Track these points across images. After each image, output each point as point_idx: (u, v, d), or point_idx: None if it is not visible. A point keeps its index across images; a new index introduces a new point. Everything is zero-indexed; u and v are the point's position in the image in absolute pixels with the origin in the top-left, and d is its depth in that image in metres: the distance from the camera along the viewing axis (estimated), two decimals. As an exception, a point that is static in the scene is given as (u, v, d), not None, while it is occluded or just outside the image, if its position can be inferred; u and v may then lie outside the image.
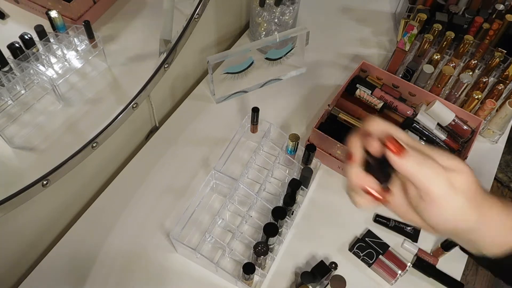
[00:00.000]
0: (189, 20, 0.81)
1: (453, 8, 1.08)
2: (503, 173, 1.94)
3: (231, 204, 0.80)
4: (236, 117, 0.96)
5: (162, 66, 0.79)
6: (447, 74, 0.92)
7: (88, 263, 0.74)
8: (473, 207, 0.34)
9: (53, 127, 0.67)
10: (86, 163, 0.70)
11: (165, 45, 0.81)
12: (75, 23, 0.65)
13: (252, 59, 0.97)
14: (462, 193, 0.33)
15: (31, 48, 0.61)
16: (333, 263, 0.73)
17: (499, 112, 0.91)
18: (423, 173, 0.33)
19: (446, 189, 0.33)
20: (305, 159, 0.81)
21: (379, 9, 1.25)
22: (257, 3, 1.00)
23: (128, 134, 0.88)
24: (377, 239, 0.78)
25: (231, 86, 0.99)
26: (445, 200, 0.33)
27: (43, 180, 0.62)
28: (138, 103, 0.76)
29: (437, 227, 0.36)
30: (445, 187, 0.33)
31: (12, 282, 0.74)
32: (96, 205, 0.81)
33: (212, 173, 0.77)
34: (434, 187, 0.33)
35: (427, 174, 0.33)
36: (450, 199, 0.33)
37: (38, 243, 0.77)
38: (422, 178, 0.33)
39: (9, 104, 0.61)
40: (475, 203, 0.34)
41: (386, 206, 0.39)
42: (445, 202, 0.33)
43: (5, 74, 0.58)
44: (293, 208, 0.77)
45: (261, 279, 0.74)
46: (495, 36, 1.03)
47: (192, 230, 0.78)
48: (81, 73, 0.70)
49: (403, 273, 0.74)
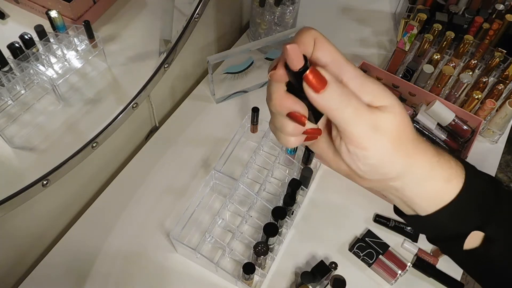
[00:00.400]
0: (189, 20, 0.81)
1: (453, 8, 1.08)
2: (503, 173, 1.95)
3: (231, 204, 0.80)
4: (236, 117, 0.96)
5: (162, 66, 0.79)
6: (447, 74, 0.92)
7: (88, 263, 0.74)
8: (400, 150, 0.31)
9: (53, 127, 0.67)
10: (86, 163, 0.70)
11: (165, 45, 0.81)
12: (75, 23, 0.65)
13: (252, 59, 0.97)
14: (386, 134, 0.30)
15: (31, 48, 0.61)
16: (333, 263, 0.73)
17: (499, 112, 0.91)
18: (341, 112, 0.28)
19: (367, 130, 0.29)
20: (305, 159, 0.81)
21: (379, 9, 1.25)
22: (257, 3, 1.00)
23: (128, 134, 0.88)
24: (377, 239, 0.78)
25: (231, 86, 0.99)
26: (366, 141, 0.29)
27: (43, 180, 0.62)
28: (138, 103, 0.76)
29: (363, 175, 0.32)
30: (366, 127, 0.29)
31: (12, 282, 0.74)
32: (96, 205, 0.81)
33: (212, 173, 0.77)
34: (353, 127, 0.29)
35: (347, 113, 0.28)
36: (372, 141, 0.29)
37: (38, 243, 0.77)
38: (340, 118, 0.29)
39: (9, 104, 0.61)
40: (402, 146, 0.31)
41: (313, 149, 0.36)
42: (366, 144, 0.30)
43: (5, 74, 0.58)
44: (293, 208, 0.77)
45: (261, 279, 0.74)
46: (495, 36, 1.03)
47: (192, 230, 0.78)
48: (81, 73, 0.70)
49: (403, 273, 0.74)
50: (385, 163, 0.31)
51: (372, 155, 0.30)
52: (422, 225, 0.36)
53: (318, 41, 0.29)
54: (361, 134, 0.29)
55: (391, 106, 0.30)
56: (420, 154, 0.32)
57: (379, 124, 0.29)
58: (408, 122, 0.31)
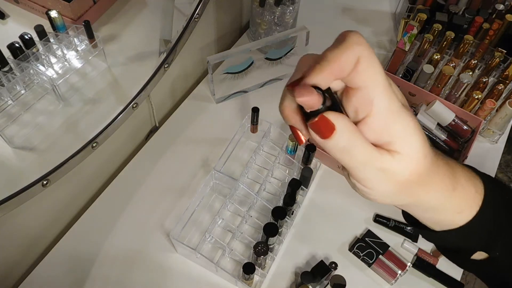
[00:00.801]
0: (189, 20, 0.81)
1: (453, 8, 1.08)
2: (503, 173, 1.95)
3: (231, 204, 0.80)
4: (236, 117, 0.96)
5: (162, 66, 0.79)
6: (447, 74, 0.92)
7: (88, 263, 0.74)
8: (406, 192, 0.29)
9: (53, 127, 0.67)
10: (86, 163, 0.70)
11: (165, 45, 0.81)
12: (75, 23, 0.65)
13: (252, 59, 0.97)
14: (392, 179, 0.28)
15: (31, 48, 0.61)
16: (333, 263, 0.73)
17: (499, 112, 0.91)
18: (347, 158, 0.27)
19: (372, 175, 0.28)
20: (305, 159, 0.81)
21: (379, 9, 1.25)
22: (257, 3, 1.00)
23: (128, 134, 0.88)
24: (377, 239, 0.78)
25: (231, 86, 0.99)
26: (370, 184, 0.29)
27: (43, 180, 0.62)
28: (138, 103, 0.76)
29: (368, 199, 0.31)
30: (372, 172, 0.28)
31: (12, 282, 0.74)
32: (96, 205, 0.81)
33: (212, 173, 0.77)
34: (358, 172, 0.28)
35: (353, 159, 0.27)
36: (376, 184, 0.28)
37: (38, 243, 0.77)
38: (345, 163, 0.28)
39: (9, 104, 0.61)
40: (410, 188, 0.29)
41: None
42: (370, 186, 0.29)
43: (5, 74, 0.58)
44: (293, 208, 0.77)
45: (261, 279, 0.74)
46: (495, 36, 1.03)
47: (192, 230, 0.78)
48: (81, 73, 0.70)
49: (403, 273, 0.74)
50: (386, 201, 0.30)
51: (375, 194, 0.29)
52: (427, 235, 0.36)
53: (362, 61, 0.25)
54: (366, 177, 0.28)
55: (407, 156, 0.28)
56: (432, 186, 0.30)
57: (387, 168, 0.28)
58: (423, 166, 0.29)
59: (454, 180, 0.31)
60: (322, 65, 0.25)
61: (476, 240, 0.34)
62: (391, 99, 0.26)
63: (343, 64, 0.25)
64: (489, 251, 0.34)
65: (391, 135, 0.27)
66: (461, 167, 0.33)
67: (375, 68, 0.25)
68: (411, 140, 0.27)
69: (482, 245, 0.34)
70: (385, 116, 0.26)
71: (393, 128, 0.27)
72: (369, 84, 0.26)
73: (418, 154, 0.28)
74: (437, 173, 0.30)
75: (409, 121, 0.27)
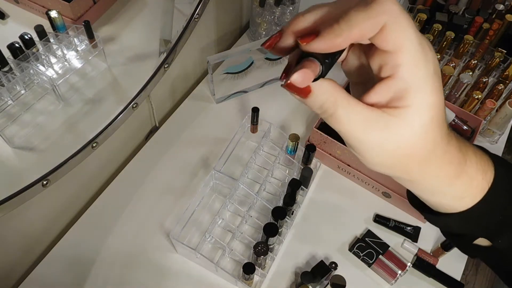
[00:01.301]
0: (189, 20, 0.81)
1: (453, 8, 1.08)
2: (503, 173, 1.94)
3: (231, 204, 0.80)
4: (236, 117, 0.96)
5: (162, 66, 0.79)
6: (447, 74, 0.92)
7: (88, 263, 0.74)
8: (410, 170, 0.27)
9: (53, 127, 0.67)
10: (86, 163, 0.70)
11: (165, 45, 0.81)
12: (75, 23, 0.65)
13: (252, 59, 0.97)
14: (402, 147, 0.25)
15: (31, 48, 0.61)
16: (333, 263, 0.73)
17: (499, 112, 0.91)
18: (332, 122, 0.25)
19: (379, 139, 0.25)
20: (305, 159, 0.81)
21: (379, 9, 1.25)
22: (257, 3, 1.00)
23: (128, 134, 0.88)
24: (377, 239, 0.78)
25: (231, 86, 0.99)
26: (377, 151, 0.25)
27: (43, 180, 0.62)
28: (138, 103, 0.76)
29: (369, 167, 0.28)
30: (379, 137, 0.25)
31: (12, 282, 0.74)
32: (96, 205, 0.81)
33: (212, 173, 0.77)
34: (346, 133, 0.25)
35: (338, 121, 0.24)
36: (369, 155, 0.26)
37: (38, 243, 0.77)
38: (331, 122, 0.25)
39: (9, 104, 0.61)
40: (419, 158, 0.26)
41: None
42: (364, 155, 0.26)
43: (5, 74, 0.58)
44: (293, 208, 0.77)
45: (261, 279, 0.74)
46: (495, 36, 1.03)
47: (192, 230, 0.78)
48: (81, 73, 0.70)
49: (403, 273, 0.74)
50: (396, 171, 0.27)
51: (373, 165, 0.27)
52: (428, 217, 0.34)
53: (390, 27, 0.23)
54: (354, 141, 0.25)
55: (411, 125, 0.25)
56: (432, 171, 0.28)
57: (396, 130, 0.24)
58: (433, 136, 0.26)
59: (460, 168, 0.29)
60: (342, 29, 0.23)
61: (477, 226, 0.32)
62: (418, 67, 0.24)
63: (366, 30, 0.23)
64: (492, 240, 0.32)
65: (408, 102, 0.24)
66: (473, 153, 0.30)
67: (405, 33, 0.23)
68: (423, 112, 0.25)
69: (485, 233, 0.32)
70: (408, 83, 0.24)
71: (412, 96, 0.24)
72: (396, 50, 0.23)
73: (422, 129, 0.25)
74: (442, 159, 0.27)
75: (430, 93, 0.25)
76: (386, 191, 0.82)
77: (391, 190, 0.81)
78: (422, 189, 0.30)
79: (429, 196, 0.30)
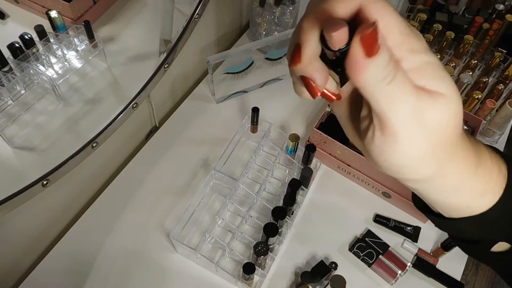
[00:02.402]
0: (189, 20, 0.81)
1: (453, 8, 1.08)
2: (503, 173, 1.94)
3: (231, 204, 0.80)
4: (236, 117, 0.96)
5: (162, 66, 0.79)
6: (447, 74, 0.92)
7: (88, 263, 0.74)
8: (436, 155, 0.25)
9: (53, 127, 0.67)
10: (86, 163, 0.70)
11: (165, 45, 0.81)
12: (75, 23, 0.65)
13: (252, 59, 0.97)
14: (428, 130, 0.23)
15: (31, 48, 0.61)
16: (333, 263, 0.73)
17: (499, 112, 0.91)
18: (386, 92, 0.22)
19: (408, 117, 0.23)
20: (305, 159, 0.81)
21: (379, 9, 1.25)
22: (257, 3, 1.00)
23: (128, 134, 0.88)
24: (377, 239, 0.78)
25: (231, 86, 0.99)
26: (402, 131, 0.23)
27: (43, 180, 0.62)
28: (138, 103, 0.76)
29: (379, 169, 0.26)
30: (408, 113, 0.23)
31: (12, 282, 0.74)
32: (96, 205, 0.81)
33: (212, 173, 0.77)
34: (391, 109, 0.23)
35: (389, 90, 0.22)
36: (408, 133, 0.23)
37: (38, 243, 0.77)
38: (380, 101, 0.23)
39: (9, 104, 0.61)
40: (441, 150, 0.25)
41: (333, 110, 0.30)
42: (401, 134, 0.23)
43: (5, 74, 0.58)
44: (293, 208, 0.77)
45: (261, 279, 0.74)
46: (495, 36, 1.03)
47: (192, 230, 0.78)
48: (81, 73, 0.70)
49: (403, 273, 0.74)
50: (412, 166, 0.25)
51: (401, 152, 0.24)
52: (440, 223, 0.31)
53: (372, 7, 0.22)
54: (399, 119, 0.23)
55: (450, 96, 0.23)
56: (455, 162, 0.26)
57: (425, 115, 0.23)
58: (460, 122, 0.25)
59: (478, 157, 0.27)
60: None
61: (498, 229, 0.29)
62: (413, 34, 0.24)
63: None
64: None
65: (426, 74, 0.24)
66: (484, 146, 0.29)
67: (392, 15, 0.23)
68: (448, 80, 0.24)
69: (504, 235, 0.29)
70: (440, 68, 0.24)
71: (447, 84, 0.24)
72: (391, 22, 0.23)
73: (459, 101, 0.24)
74: (463, 145, 0.26)
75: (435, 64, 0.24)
76: (386, 191, 0.82)
77: (391, 190, 0.81)
78: (442, 187, 0.27)
79: (449, 195, 0.28)
